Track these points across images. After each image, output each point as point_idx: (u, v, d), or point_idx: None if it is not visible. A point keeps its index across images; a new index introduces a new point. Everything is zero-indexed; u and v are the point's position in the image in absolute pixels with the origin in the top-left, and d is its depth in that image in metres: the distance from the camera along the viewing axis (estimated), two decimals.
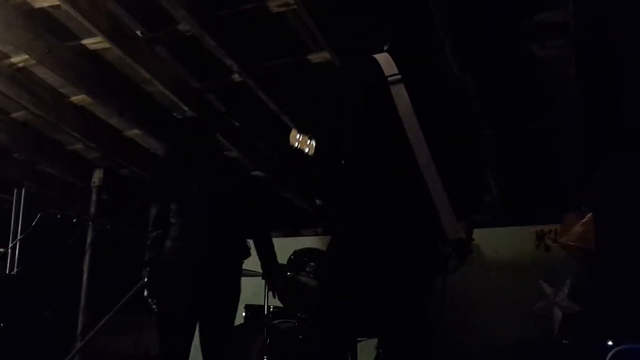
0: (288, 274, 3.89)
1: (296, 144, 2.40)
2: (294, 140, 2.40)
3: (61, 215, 4.42)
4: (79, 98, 4.62)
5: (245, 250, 3.26)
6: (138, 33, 3.88)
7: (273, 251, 3.41)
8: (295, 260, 3.97)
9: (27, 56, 4.00)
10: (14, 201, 5.61)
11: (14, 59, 4.17)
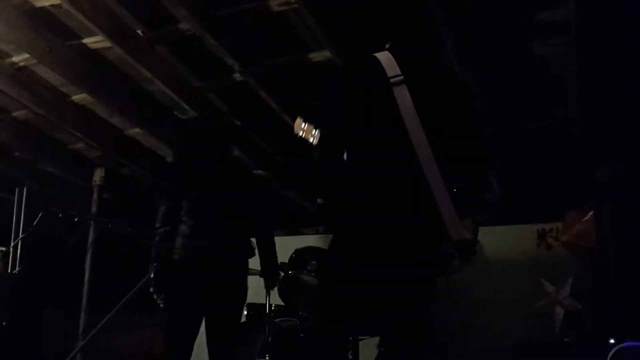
0: (290, 272, 3.90)
1: (301, 132, 2.38)
2: (299, 129, 2.38)
3: (62, 214, 4.43)
4: (80, 97, 4.62)
5: (250, 249, 3.32)
6: (139, 32, 3.89)
7: (274, 251, 3.47)
8: (297, 259, 3.98)
9: (28, 55, 4.00)
10: (15, 200, 5.61)
11: (15, 58, 4.17)
